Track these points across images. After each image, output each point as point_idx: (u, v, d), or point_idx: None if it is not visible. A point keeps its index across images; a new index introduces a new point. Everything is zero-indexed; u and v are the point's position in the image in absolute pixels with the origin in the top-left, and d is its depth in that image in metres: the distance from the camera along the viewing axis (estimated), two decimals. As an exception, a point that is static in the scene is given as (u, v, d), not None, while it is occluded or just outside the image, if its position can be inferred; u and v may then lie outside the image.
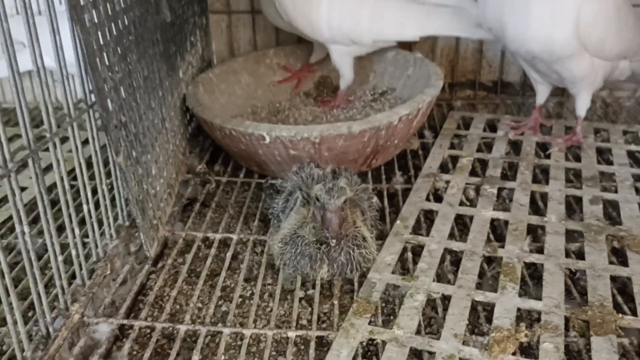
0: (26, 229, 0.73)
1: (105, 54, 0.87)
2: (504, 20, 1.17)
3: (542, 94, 1.35)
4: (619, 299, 0.87)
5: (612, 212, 1.08)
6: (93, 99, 0.90)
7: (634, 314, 0.82)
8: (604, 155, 1.29)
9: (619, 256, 0.97)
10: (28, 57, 0.75)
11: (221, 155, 1.38)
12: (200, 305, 0.94)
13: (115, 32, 0.92)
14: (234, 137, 1.17)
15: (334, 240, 0.86)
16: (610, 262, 0.93)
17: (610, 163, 1.24)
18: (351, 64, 1.42)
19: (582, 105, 1.27)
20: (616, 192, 1.13)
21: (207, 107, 1.27)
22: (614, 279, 0.90)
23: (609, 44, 1.16)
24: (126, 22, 0.97)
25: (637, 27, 1.24)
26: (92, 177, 0.94)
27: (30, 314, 0.93)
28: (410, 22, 1.38)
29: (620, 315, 0.81)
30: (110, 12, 0.90)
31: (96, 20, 0.85)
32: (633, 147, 1.29)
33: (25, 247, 0.75)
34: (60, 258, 0.83)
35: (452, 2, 1.40)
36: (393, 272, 0.93)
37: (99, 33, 0.86)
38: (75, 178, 0.90)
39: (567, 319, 0.82)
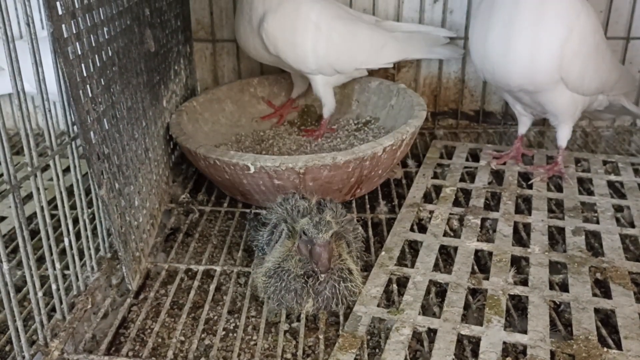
0: (5, 265, 0.71)
1: (88, 86, 0.86)
2: (488, 55, 1.19)
3: (524, 124, 1.37)
4: (604, 331, 0.88)
5: (594, 243, 1.09)
6: (75, 130, 0.89)
7: (619, 347, 0.83)
8: (584, 185, 1.30)
9: (602, 288, 0.98)
10: (7, 80, 0.74)
11: (205, 183, 1.37)
12: (183, 339, 0.92)
13: (98, 64, 0.91)
14: (218, 167, 1.16)
15: (323, 275, 0.85)
16: (594, 294, 0.94)
17: (591, 193, 1.25)
18: (332, 92, 1.45)
19: (563, 136, 1.29)
20: (598, 222, 1.14)
21: (190, 136, 1.26)
22: (597, 311, 0.90)
23: (588, 80, 1.19)
24: (110, 53, 0.97)
25: (613, 63, 1.27)
26: (73, 207, 0.93)
27: (7, 348, 0.91)
28: (387, 49, 1.45)
29: (605, 349, 0.82)
30: (94, 44, 0.90)
31: (80, 52, 0.84)
32: (613, 177, 1.31)
33: (3, 280, 0.73)
34: (40, 292, 0.81)
35: (420, 28, 1.53)
36: (378, 305, 0.93)
37: (83, 65, 0.85)
38: (56, 207, 0.89)
39: (552, 353, 0.82)
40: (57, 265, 0.86)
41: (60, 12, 0.78)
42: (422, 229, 1.15)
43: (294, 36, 1.34)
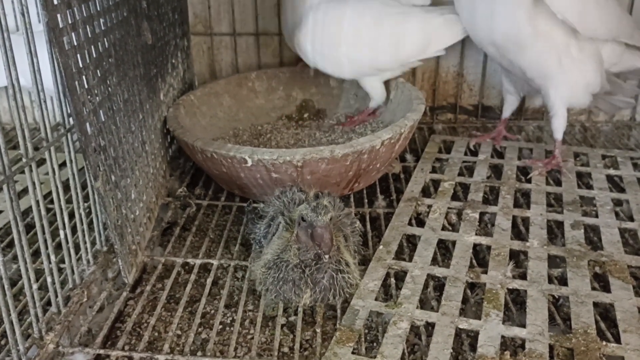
0: (0, 258, 0.70)
1: (84, 77, 0.86)
2: (474, 8, 1.22)
3: (510, 105, 1.38)
4: (602, 325, 0.87)
5: (593, 237, 1.08)
6: (71, 122, 0.88)
7: (617, 341, 0.82)
8: (583, 179, 1.30)
9: (601, 282, 0.97)
10: (2, 74, 0.73)
11: (202, 177, 1.36)
12: (179, 332, 0.92)
13: (95, 55, 0.91)
14: (216, 160, 1.15)
15: (327, 256, 0.85)
16: (593, 288, 0.93)
17: (590, 187, 1.25)
18: (382, 86, 1.43)
19: (558, 127, 1.28)
20: (597, 216, 1.13)
21: (188, 129, 1.25)
22: (596, 304, 0.90)
23: (591, 17, 1.18)
24: (106, 45, 0.96)
25: (622, 11, 1.28)
26: (69, 201, 0.92)
27: (2, 342, 0.90)
28: (436, 38, 1.39)
29: (604, 342, 0.81)
30: (90, 35, 0.89)
31: (75, 43, 0.83)
32: (612, 172, 1.30)
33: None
34: (35, 286, 0.80)
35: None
36: (376, 299, 0.92)
37: (78, 56, 0.84)
38: (52, 201, 0.88)
39: (551, 347, 0.81)
40: (53, 259, 0.86)
41: (55, 2, 0.78)
42: (420, 223, 1.14)
43: (331, 49, 1.33)
